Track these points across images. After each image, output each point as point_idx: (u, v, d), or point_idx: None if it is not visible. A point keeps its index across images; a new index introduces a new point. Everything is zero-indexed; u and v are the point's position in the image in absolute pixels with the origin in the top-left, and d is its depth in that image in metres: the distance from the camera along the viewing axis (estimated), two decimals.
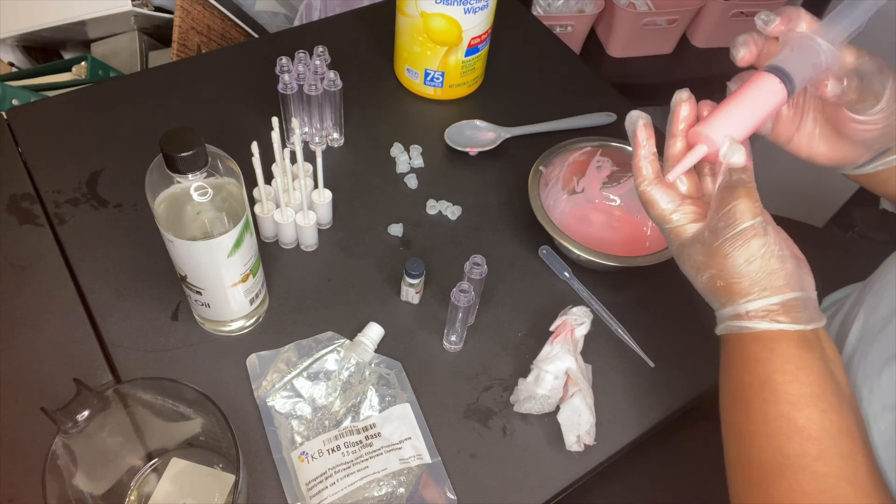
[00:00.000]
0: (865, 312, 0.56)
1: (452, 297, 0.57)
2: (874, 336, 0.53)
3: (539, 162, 0.70)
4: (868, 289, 0.58)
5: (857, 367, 0.53)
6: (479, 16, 0.75)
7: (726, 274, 0.47)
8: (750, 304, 0.47)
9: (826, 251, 0.81)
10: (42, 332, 0.60)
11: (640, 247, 0.71)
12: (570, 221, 0.73)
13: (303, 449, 0.55)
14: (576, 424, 0.56)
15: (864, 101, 0.48)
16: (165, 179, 0.48)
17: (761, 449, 0.46)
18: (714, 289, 0.48)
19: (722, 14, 1.26)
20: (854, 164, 0.54)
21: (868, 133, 0.51)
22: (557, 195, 0.73)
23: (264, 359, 0.60)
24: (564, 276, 0.68)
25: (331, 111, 0.73)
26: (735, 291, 0.47)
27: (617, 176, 0.74)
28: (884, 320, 0.53)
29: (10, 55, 1.14)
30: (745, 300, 0.47)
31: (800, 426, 0.45)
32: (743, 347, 0.48)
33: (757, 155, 0.50)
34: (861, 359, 0.53)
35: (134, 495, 0.53)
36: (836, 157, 0.54)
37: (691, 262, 0.49)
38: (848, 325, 0.57)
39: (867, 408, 0.49)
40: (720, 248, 0.46)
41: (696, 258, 0.48)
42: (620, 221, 0.74)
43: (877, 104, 0.48)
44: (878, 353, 0.52)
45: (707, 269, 0.48)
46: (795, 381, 0.46)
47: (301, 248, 0.69)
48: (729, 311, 0.48)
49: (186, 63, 0.87)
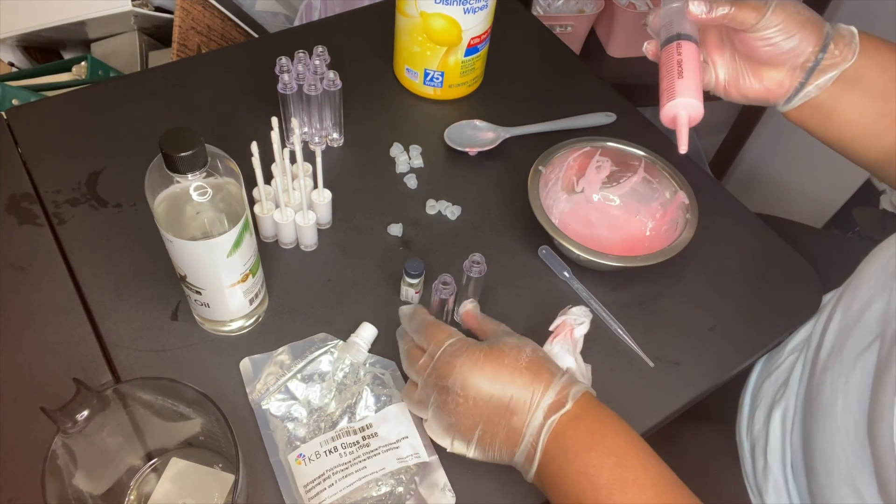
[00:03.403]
0: (842, 310, 0.56)
1: (434, 289, 0.58)
2: (849, 331, 0.54)
3: (539, 162, 0.70)
4: (845, 287, 0.58)
5: (833, 362, 0.53)
6: (478, 16, 0.75)
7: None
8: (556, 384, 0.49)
9: (826, 251, 0.81)
10: (42, 332, 0.60)
11: (640, 247, 0.71)
12: (570, 221, 0.73)
13: (300, 451, 0.55)
14: None
15: (748, 14, 0.53)
16: (165, 179, 0.48)
17: None
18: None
19: None
20: (782, 93, 0.58)
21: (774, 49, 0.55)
22: (557, 195, 0.73)
23: (257, 362, 0.60)
24: (564, 276, 0.68)
25: (330, 111, 0.73)
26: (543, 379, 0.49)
27: (617, 176, 0.74)
28: (857, 315, 0.54)
29: (10, 55, 1.14)
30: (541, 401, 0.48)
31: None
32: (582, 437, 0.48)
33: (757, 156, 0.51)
34: (837, 353, 0.53)
35: (133, 495, 0.54)
36: (764, 89, 0.58)
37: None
38: (826, 325, 0.58)
39: (843, 399, 0.50)
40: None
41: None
42: (620, 221, 0.74)
43: (762, 16, 0.53)
44: (852, 346, 0.52)
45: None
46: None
47: (301, 248, 0.69)
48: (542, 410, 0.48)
49: (186, 63, 0.87)
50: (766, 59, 0.57)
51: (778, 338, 0.68)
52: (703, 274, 0.71)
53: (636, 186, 0.73)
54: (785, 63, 0.57)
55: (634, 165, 0.72)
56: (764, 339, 0.67)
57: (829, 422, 0.51)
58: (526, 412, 0.48)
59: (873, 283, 0.55)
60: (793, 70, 0.57)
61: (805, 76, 0.56)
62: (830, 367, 0.53)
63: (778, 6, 0.54)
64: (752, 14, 0.54)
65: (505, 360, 0.50)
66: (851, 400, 0.49)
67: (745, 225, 0.76)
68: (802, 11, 0.56)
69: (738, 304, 0.68)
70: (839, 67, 0.55)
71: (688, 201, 0.68)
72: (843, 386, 0.50)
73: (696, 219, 0.67)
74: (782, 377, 0.65)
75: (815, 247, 0.80)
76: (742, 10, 0.54)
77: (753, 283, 0.70)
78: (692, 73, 0.55)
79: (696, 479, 0.65)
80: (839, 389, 0.51)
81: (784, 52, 0.56)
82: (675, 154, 0.60)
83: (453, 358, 0.50)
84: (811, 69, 0.56)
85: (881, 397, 0.45)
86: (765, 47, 0.56)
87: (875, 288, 0.54)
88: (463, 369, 0.49)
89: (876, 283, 0.55)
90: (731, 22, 0.54)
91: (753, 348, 0.67)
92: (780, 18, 0.54)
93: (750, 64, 0.58)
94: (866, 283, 0.56)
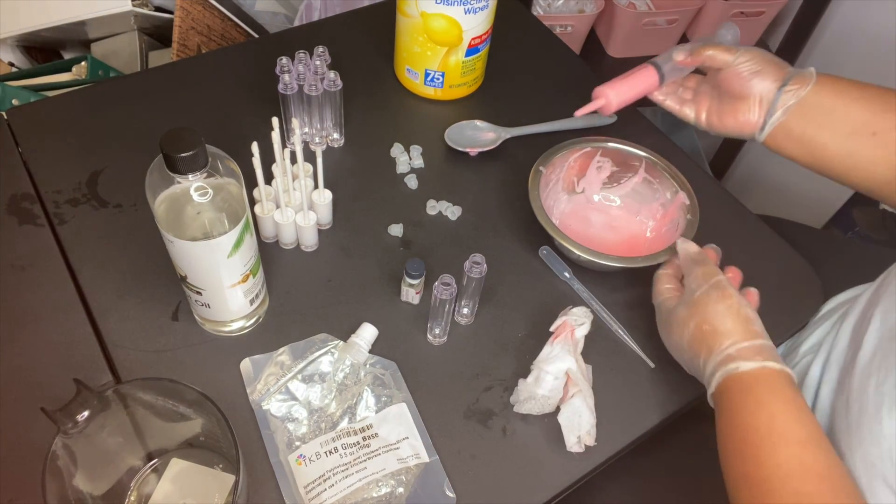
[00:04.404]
0: (882, 314, 0.56)
1: (435, 290, 0.58)
2: (893, 339, 0.53)
3: (539, 162, 0.70)
4: (883, 289, 0.58)
5: (878, 366, 0.53)
6: (479, 16, 0.75)
7: (710, 318, 0.55)
8: (737, 344, 0.53)
9: (826, 252, 0.81)
10: (42, 332, 0.60)
11: (641, 247, 0.71)
12: (570, 222, 0.73)
13: (300, 452, 0.55)
14: (576, 425, 0.56)
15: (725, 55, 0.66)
16: (165, 180, 0.48)
17: (776, 492, 0.47)
18: (701, 334, 0.55)
19: (722, 14, 1.26)
20: (756, 123, 0.66)
21: (745, 82, 0.65)
22: (558, 195, 0.73)
23: (258, 362, 0.60)
24: (565, 276, 0.68)
25: (331, 111, 0.73)
26: (721, 332, 0.54)
27: (617, 176, 0.74)
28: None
29: (10, 55, 1.14)
30: (730, 342, 0.53)
31: (810, 465, 0.47)
32: (743, 393, 0.51)
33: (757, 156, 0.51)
34: (883, 358, 0.53)
35: (134, 496, 0.53)
36: (741, 122, 0.67)
37: (677, 320, 0.58)
38: (864, 327, 0.57)
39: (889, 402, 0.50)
40: (700, 299, 0.56)
41: (680, 314, 0.58)
42: (620, 221, 0.74)
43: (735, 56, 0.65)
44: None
45: (692, 319, 0.56)
46: (799, 423, 0.49)
47: (301, 249, 0.69)
48: (717, 356, 0.53)
49: (186, 63, 0.87)
50: (739, 91, 0.66)
51: (778, 338, 0.68)
52: None
53: (637, 187, 0.73)
54: (755, 94, 0.66)
55: (635, 166, 0.72)
56: None
57: (875, 424, 0.50)
58: (733, 336, 0.54)
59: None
60: (761, 102, 0.66)
61: (772, 105, 0.65)
62: (874, 372, 0.53)
63: (747, 49, 0.66)
64: (725, 55, 0.66)
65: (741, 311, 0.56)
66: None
67: (745, 225, 0.76)
68: (768, 55, 0.66)
69: None
70: (799, 94, 0.64)
71: (688, 202, 0.68)
72: (892, 390, 0.50)
73: (697, 220, 0.67)
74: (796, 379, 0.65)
75: (815, 247, 0.80)
76: (717, 49, 0.67)
77: (753, 283, 0.70)
78: (629, 82, 0.70)
79: (696, 479, 0.65)
80: (885, 393, 0.50)
81: (753, 83, 0.65)
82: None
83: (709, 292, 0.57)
84: (776, 99, 0.65)
85: None
86: (737, 81, 0.66)
87: None
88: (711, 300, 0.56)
89: None
90: (712, 60, 0.66)
91: None
92: (749, 56, 0.65)
93: (728, 100, 0.67)
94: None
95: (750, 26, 1.30)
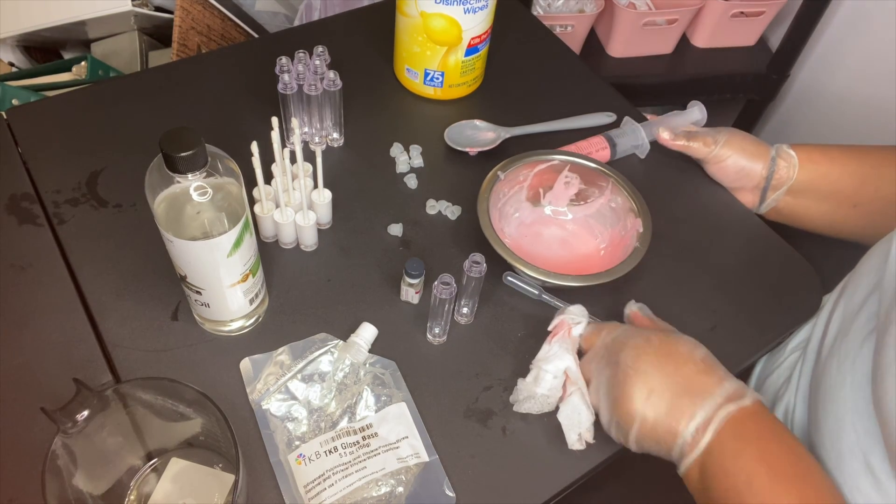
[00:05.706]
0: (845, 301, 0.58)
1: (434, 289, 0.58)
2: (853, 317, 0.55)
3: (499, 168, 0.69)
4: (846, 282, 0.59)
5: (838, 348, 0.55)
6: (478, 16, 0.75)
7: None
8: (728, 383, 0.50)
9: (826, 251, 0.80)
10: (42, 332, 0.60)
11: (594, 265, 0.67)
12: (526, 235, 0.71)
13: (300, 451, 0.55)
14: (576, 423, 0.56)
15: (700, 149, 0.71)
16: (165, 179, 0.48)
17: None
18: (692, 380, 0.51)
19: (722, 14, 1.26)
20: (752, 203, 0.74)
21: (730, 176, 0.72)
22: (520, 203, 0.71)
23: (257, 362, 0.60)
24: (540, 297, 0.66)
25: (331, 111, 0.73)
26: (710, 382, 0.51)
27: (584, 195, 0.72)
28: (861, 302, 0.56)
29: (10, 55, 1.14)
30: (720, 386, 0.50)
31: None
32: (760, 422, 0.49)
33: None
34: (842, 338, 0.55)
35: (134, 495, 0.54)
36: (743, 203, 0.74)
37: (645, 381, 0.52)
38: (828, 320, 0.59)
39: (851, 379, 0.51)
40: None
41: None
42: (577, 239, 0.72)
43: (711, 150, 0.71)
44: (858, 329, 0.54)
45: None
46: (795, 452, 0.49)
47: (301, 248, 0.69)
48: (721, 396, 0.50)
49: (186, 63, 0.87)
50: (731, 185, 0.73)
51: (778, 337, 0.68)
52: (704, 274, 0.70)
53: (602, 208, 0.71)
54: (744, 185, 0.72)
55: (602, 186, 0.71)
56: (764, 339, 0.67)
57: (838, 404, 0.51)
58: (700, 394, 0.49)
59: (874, 272, 0.55)
60: (752, 189, 0.72)
61: (762, 193, 0.72)
62: (836, 352, 0.54)
63: (727, 142, 0.70)
64: (703, 149, 0.70)
65: (680, 348, 0.52)
66: (860, 379, 0.50)
67: (744, 225, 0.76)
68: (749, 144, 0.70)
69: (738, 304, 0.68)
70: (784, 185, 0.70)
71: (642, 230, 0.66)
72: (851, 367, 0.51)
73: (645, 250, 0.65)
74: (784, 375, 0.65)
75: (815, 247, 0.80)
76: (696, 141, 0.71)
77: (754, 283, 0.70)
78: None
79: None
80: (846, 371, 0.52)
81: (738, 177, 0.71)
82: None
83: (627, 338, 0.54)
84: (765, 188, 0.71)
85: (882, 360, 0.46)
86: (726, 177, 0.72)
87: (877, 275, 0.55)
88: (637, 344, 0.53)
89: (878, 271, 0.55)
90: (687, 151, 0.71)
91: (754, 348, 0.67)
92: (730, 152, 0.69)
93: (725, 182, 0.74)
94: (867, 275, 0.56)
95: (750, 26, 1.29)
